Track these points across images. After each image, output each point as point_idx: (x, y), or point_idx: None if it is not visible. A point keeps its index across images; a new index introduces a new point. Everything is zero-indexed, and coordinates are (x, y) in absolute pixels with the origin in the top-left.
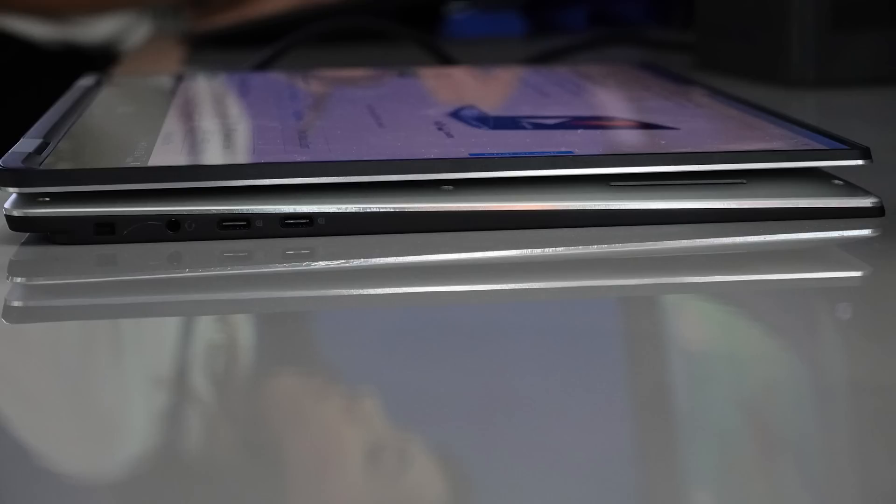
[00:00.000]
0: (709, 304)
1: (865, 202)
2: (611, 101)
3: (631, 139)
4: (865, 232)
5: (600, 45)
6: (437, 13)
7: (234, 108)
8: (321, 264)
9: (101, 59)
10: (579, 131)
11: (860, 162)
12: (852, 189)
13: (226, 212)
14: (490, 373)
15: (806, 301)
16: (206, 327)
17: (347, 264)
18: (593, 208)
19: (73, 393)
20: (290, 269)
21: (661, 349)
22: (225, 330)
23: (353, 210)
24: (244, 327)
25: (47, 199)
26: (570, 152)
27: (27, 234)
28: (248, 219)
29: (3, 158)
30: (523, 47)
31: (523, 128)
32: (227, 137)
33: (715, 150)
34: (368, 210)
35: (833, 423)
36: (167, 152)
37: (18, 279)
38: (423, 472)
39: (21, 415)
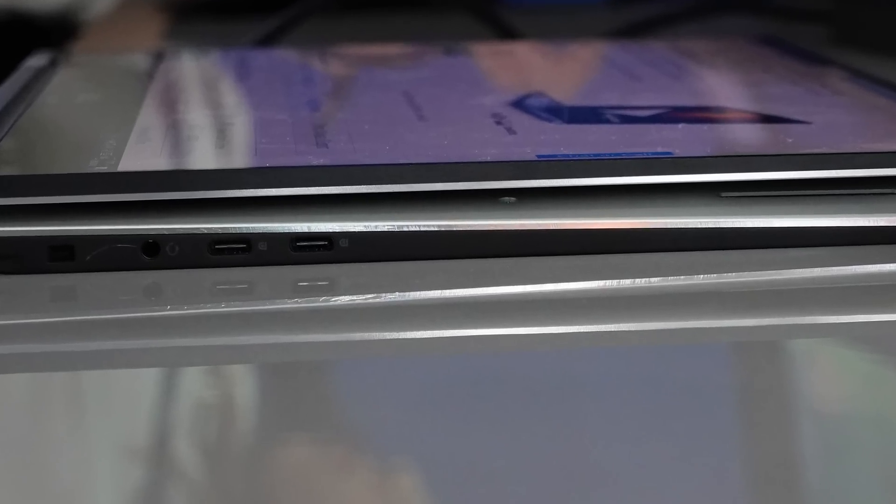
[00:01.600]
0: (849, 352)
1: None
2: (721, 86)
3: (748, 136)
4: None
5: (708, 14)
6: None
7: (231, 96)
8: (343, 300)
9: (56, 32)
10: (680, 126)
11: None
12: None
13: (219, 231)
14: (563, 441)
15: None
16: (195, 382)
17: (378, 300)
18: (699, 226)
19: (19, 469)
20: (303, 305)
21: (787, 409)
22: (218, 386)
23: (386, 229)
24: (243, 382)
25: None
26: (670, 153)
27: None
28: (248, 240)
29: None
30: (607, 16)
31: (607, 121)
32: (221, 134)
33: (857, 150)
34: (405, 229)
35: None
36: (143, 153)
37: None
38: None
39: None
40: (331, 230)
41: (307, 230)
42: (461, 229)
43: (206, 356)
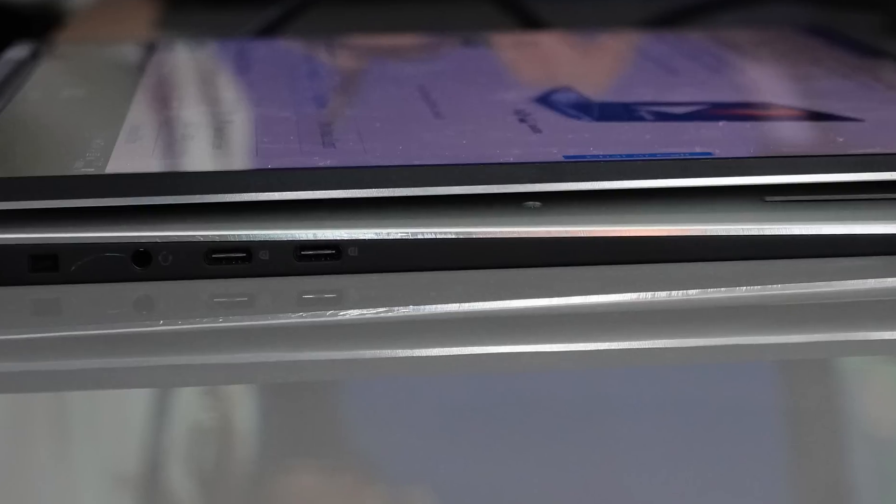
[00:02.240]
0: None
1: None
2: (766, 80)
3: (795, 135)
4: None
5: (752, 1)
6: None
7: (229, 91)
8: (352, 314)
9: (38, 21)
10: (721, 123)
11: None
12: None
13: (217, 239)
14: (592, 470)
15: None
16: (190, 405)
17: (390, 314)
18: (741, 234)
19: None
20: (309, 320)
21: (838, 434)
22: (216, 408)
23: (398, 236)
24: (243, 404)
25: None
26: (709, 154)
27: None
28: (248, 249)
29: None
30: (641, 4)
31: (641, 119)
32: (219, 133)
33: None
34: (420, 236)
35: None
36: (133, 154)
37: None
38: None
39: None
40: (339, 238)
41: (313, 238)
42: (481, 237)
43: (202, 376)
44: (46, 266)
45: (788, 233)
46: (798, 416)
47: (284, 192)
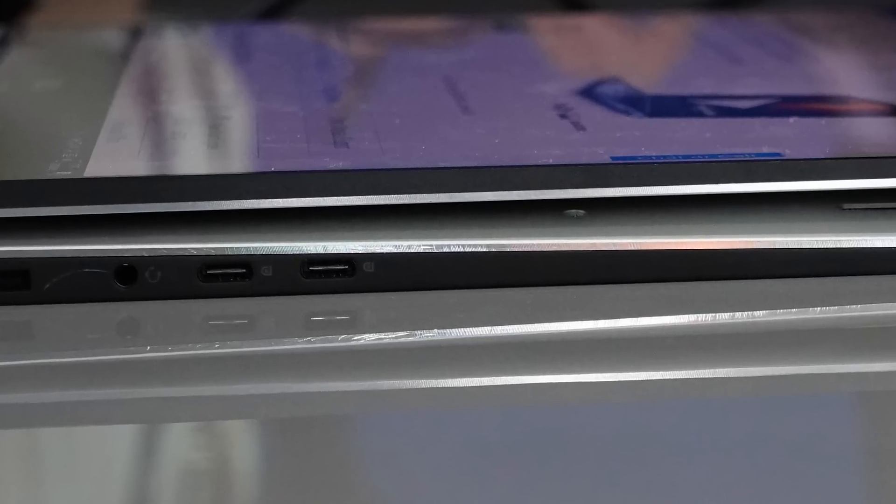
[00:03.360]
0: None
1: None
2: (843, 70)
3: (876, 133)
4: None
5: None
6: None
7: (226, 83)
8: (368, 339)
9: (6, 2)
10: (792, 120)
11: None
12: None
13: (212, 252)
14: None
15: None
16: (181, 443)
17: (411, 339)
18: (815, 246)
19: None
20: (318, 346)
21: None
22: (211, 447)
23: (421, 250)
24: (243, 442)
25: None
26: (778, 154)
27: None
28: (248, 263)
29: None
30: None
31: (700, 114)
32: (215, 130)
33: None
34: (446, 250)
35: None
36: (115, 155)
37: None
38: None
39: None
40: (352, 251)
41: (323, 251)
42: (516, 250)
43: (195, 410)
44: (16, 284)
45: (869, 245)
46: (880, 457)
47: (290, 199)
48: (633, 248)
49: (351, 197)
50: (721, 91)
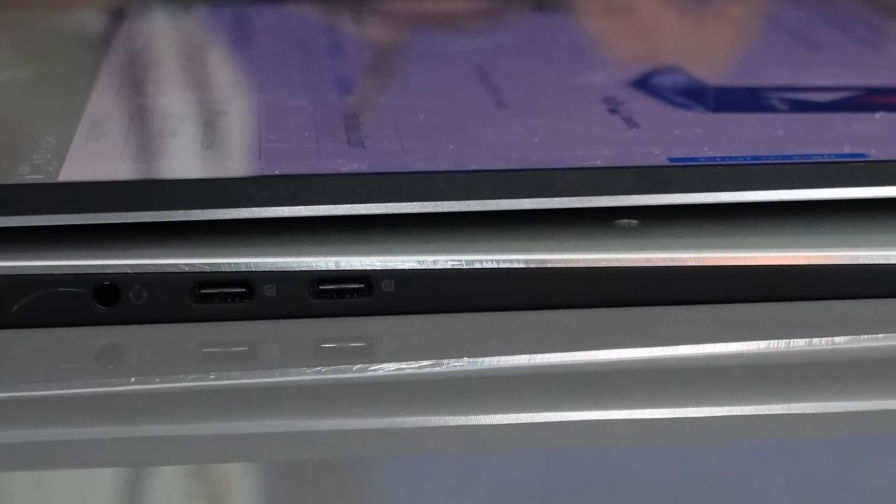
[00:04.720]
0: None
1: None
2: None
3: None
4: None
5: None
6: None
7: (223, 73)
8: (388, 369)
9: None
10: (878, 115)
11: None
12: None
13: (207, 269)
14: None
15: None
16: (172, 489)
17: (437, 369)
18: None
19: None
20: (330, 378)
21: None
22: (206, 494)
23: (449, 265)
24: (242, 488)
25: None
26: (863, 155)
27: None
28: (249, 282)
29: None
30: None
31: (772, 109)
32: (210, 128)
33: None
34: (477, 266)
35: None
36: (94, 156)
37: None
38: None
39: None
40: (369, 267)
41: (335, 267)
42: (559, 266)
43: (187, 451)
44: None
45: None
46: None
47: (297, 207)
48: (693, 263)
49: (367, 205)
50: (796, 82)
